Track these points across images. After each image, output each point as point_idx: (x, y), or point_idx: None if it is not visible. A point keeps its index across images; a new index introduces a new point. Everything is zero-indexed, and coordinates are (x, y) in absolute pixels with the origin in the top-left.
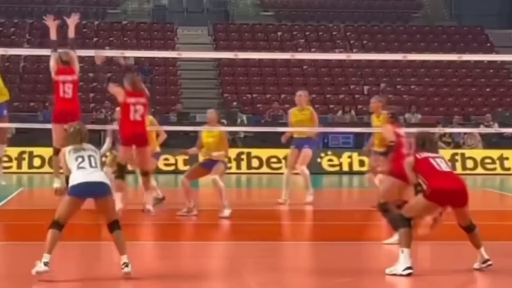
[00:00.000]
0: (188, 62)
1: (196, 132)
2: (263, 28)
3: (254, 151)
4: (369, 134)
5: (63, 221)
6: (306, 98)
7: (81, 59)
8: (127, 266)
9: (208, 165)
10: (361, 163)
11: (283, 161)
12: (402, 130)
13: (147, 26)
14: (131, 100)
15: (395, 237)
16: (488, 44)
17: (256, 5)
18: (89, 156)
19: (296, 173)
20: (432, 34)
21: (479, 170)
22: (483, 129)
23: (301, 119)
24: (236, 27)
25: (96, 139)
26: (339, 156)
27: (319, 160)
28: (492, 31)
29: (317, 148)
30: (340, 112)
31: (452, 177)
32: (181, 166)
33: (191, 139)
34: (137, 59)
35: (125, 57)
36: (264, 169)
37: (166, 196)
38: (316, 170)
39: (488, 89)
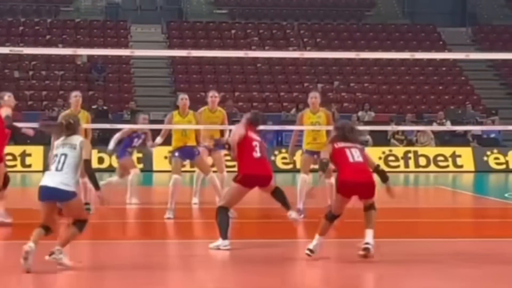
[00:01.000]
0: (142, 60)
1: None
2: (216, 26)
3: None
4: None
5: (44, 222)
6: (218, 99)
7: (34, 56)
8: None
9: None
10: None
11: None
12: None
13: (100, 23)
14: None
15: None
16: (441, 42)
17: (209, 3)
18: (62, 155)
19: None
20: (385, 32)
21: (432, 167)
22: (435, 127)
23: (213, 120)
24: (190, 25)
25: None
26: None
27: (273, 158)
28: (444, 29)
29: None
30: (294, 110)
31: (361, 168)
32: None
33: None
34: (90, 57)
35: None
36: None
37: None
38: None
39: (440, 87)
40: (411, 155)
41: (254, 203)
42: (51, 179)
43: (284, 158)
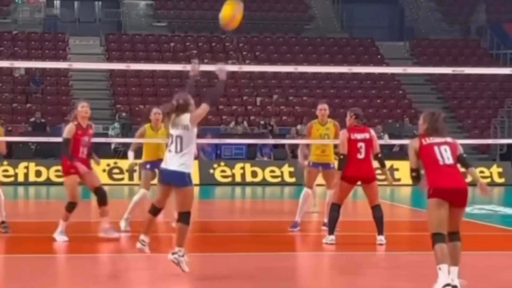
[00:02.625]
0: (80, 72)
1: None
2: (155, 39)
3: None
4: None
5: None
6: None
7: None
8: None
9: None
10: (254, 174)
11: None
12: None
13: (38, 36)
14: None
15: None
16: (379, 56)
17: (148, 16)
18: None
19: None
20: (323, 46)
21: None
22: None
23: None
24: (129, 38)
25: None
26: (231, 167)
27: (211, 171)
28: (382, 43)
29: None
30: (232, 123)
31: (453, 171)
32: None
33: None
34: (28, 70)
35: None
36: None
37: None
38: (209, 181)
39: (378, 101)
40: None
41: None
42: (171, 162)
43: (223, 171)
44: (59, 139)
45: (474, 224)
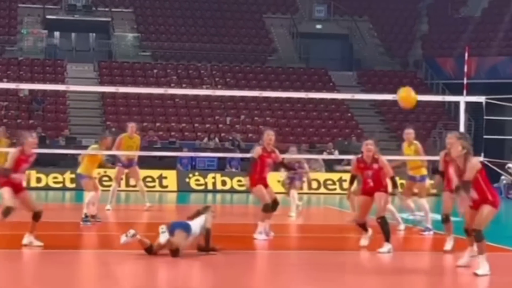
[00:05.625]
0: (76, 93)
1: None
2: (141, 66)
3: None
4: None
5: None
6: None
7: None
8: None
9: None
10: (223, 182)
11: (157, 180)
12: None
13: (40, 62)
14: None
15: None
16: (331, 84)
17: (135, 46)
18: None
19: None
20: (284, 74)
21: (322, 190)
22: (325, 156)
23: (130, 145)
24: (118, 65)
25: None
26: (204, 177)
27: (187, 180)
28: (334, 73)
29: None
30: (206, 139)
31: None
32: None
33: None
34: (31, 91)
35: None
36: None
37: None
38: (185, 188)
39: (330, 122)
40: (304, 179)
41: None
42: None
43: (197, 180)
44: (57, 151)
45: (409, 228)
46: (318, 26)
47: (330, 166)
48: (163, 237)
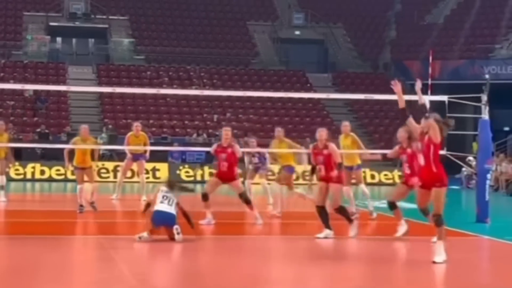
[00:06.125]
0: (76, 93)
1: None
2: (136, 69)
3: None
4: None
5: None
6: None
7: None
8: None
9: None
10: (211, 174)
11: (150, 172)
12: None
13: (44, 64)
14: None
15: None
16: (308, 85)
17: (131, 50)
18: None
19: None
20: (266, 76)
21: (301, 181)
22: (306, 150)
23: (137, 143)
24: (115, 67)
25: None
26: (193, 169)
27: (178, 172)
28: (311, 75)
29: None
30: (195, 135)
31: None
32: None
33: None
34: (35, 91)
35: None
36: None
37: None
38: (176, 179)
39: (308, 119)
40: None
41: None
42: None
43: (187, 172)
44: (60, 146)
45: (379, 215)
46: (297, 32)
47: (308, 161)
48: (179, 238)
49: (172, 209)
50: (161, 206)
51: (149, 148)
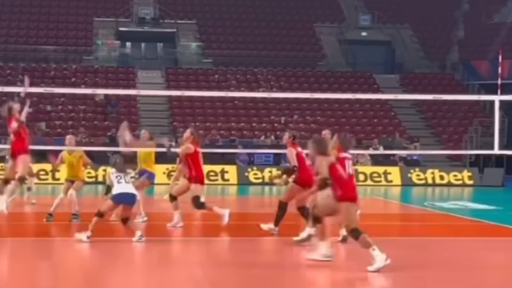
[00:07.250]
0: (146, 97)
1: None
2: (204, 72)
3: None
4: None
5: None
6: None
7: (62, 94)
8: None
9: None
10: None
11: (219, 174)
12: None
13: (114, 69)
14: None
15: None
16: (375, 86)
17: (198, 54)
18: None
19: None
20: (333, 77)
21: (368, 182)
22: (371, 151)
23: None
24: (183, 71)
25: None
26: (262, 171)
27: (246, 174)
28: (378, 76)
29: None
30: (263, 137)
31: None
32: None
33: None
34: (106, 95)
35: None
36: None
37: None
38: (245, 181)
39: (375, 120)
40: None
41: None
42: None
43: (255, 174)
44: (132, 148)
45: (450, 216)
46: (363, 34)
47: (375, 160)
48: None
49: (130, 187)
50: (120, 187)
51: (204, 150)
